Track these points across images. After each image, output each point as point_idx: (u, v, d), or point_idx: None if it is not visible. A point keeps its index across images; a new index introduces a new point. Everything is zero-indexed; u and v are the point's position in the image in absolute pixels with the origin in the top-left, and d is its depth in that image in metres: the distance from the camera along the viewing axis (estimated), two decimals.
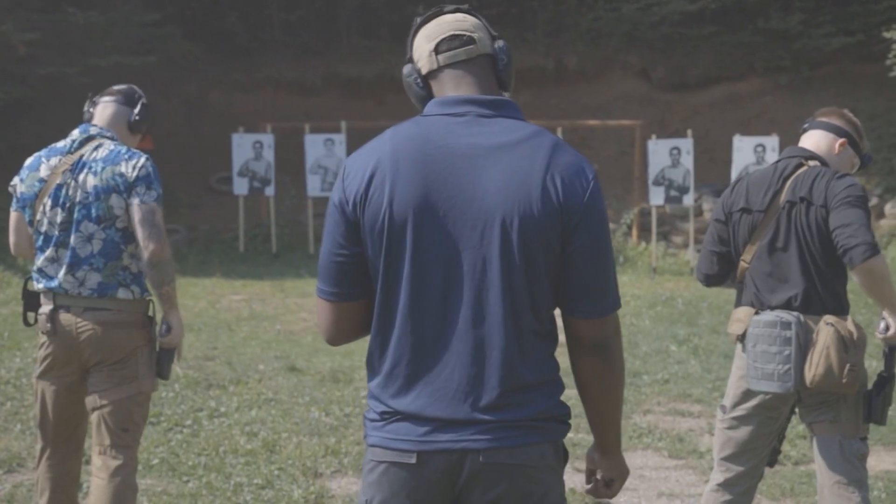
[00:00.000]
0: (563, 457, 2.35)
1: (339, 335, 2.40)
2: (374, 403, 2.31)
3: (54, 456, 4.13)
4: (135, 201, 3.94)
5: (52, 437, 4.10)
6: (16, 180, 4.09)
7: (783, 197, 3.85)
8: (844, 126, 4.03)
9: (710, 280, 4.13)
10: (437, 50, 2.34)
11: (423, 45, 2.36)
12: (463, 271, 2.22)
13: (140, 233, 3.93)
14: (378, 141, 2.31)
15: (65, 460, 4.13)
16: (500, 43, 2.38)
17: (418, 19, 2.42)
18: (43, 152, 4.08)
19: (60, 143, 4.07)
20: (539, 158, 2.22)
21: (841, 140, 4.01)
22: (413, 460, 2.24)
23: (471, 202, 2.22)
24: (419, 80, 2.36)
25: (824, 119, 4.07)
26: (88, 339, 3.92)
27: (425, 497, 2.26)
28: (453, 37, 2.33)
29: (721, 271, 4.09)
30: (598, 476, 2.49)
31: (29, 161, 4.08)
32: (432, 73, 2.35)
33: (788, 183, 3.86)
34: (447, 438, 2.23)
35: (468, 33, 2.34)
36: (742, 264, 3.97)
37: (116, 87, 4.20)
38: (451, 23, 2.36)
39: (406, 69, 2.39)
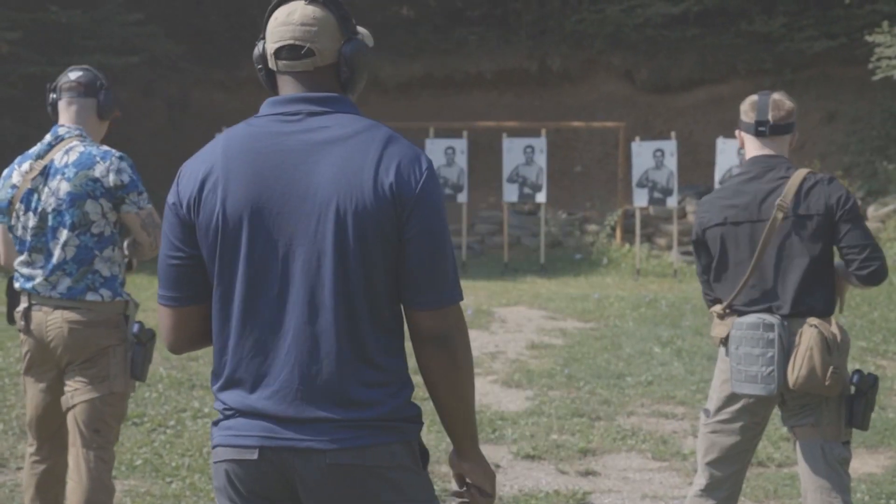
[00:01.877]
0: (423, 456, 2.28)
1: (180, 342, 2.35)
2: (218, 405, 2.28)
3: (39, 453, 4.13)
4: (132, 210, 3.94)
5: (37, 434, 4.11)
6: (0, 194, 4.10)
7: (785, 207, 3.82)
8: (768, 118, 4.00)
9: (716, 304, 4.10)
10: (276, 55, 2.31)
11: (269, 41, 2.32)
12: (298, 267, 2.19)
13: (145, 238, 4.01)
14: (212, 143, 2.30)
15: (48, 458, 4.12)
16: (348, 48, 2.31)
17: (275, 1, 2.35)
18: (17, 160, 4.09)
19: (33, 149, 4.05)
20: (372, 151, 2.20)
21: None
22: (255, 456, 2.19)
23: (304, 197, 2.19)
24: (262, 70, 2.36)
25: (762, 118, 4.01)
26: (56, 337, 3.93)
27: (267, 495, 2.21)
28: (293, 47, 2.27)
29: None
30: (468, 480, 2.36)
31: (5, 171, 4.10)
32: (273, 72, 2.34)
33: (788, 192, 3.83)
34: (290, 436, 2.17)
35: (309, 43, 2.27)
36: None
37: (74, 77, 4.07)
38: (294, 26, 2.28)
39: (256, 50, 2.37)
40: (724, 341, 3.95)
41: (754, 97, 4.02)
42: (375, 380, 2.20)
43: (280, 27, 2.29)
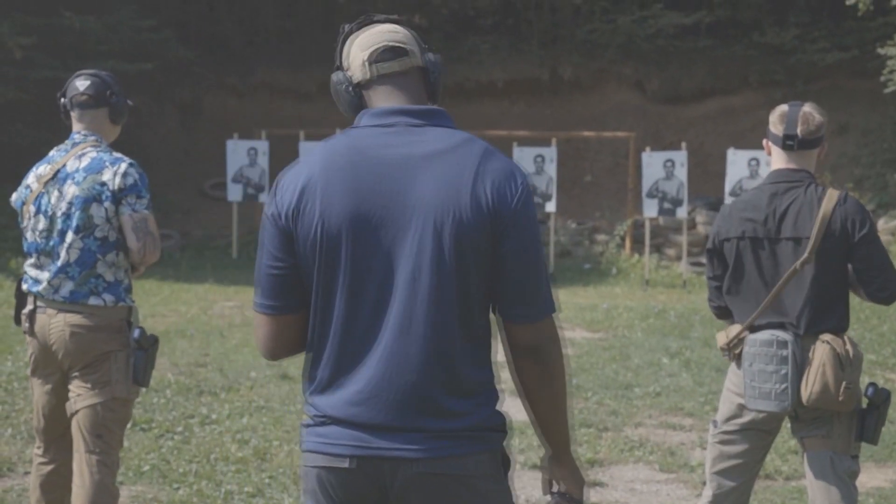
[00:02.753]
0: (505, 464, 2.34)
1: (277, 349, 2.38)
2: (310, 409, 2.31)
3: (45, 454, 4.15)
4: (126, 212, 3.95)
5: (44, 436, 4.12)
6: (14, 195, 4.17)
7: (822, 225, 3.79)
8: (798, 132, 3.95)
9: (723, 313, 4.10)
10: (370, 60, 2.34)
11: (357, 54, 2.36)
12: (396, 280, 2.23)
13: (134, 242, 3.96)
14: (310, 154, 2.33)
15: (55, 459, 4.14)
16: (430, 56, 2.41)
17: (346, 27, 2.42)
18: (35, 165, 4.15)
19: (50, 153, 4.11)
20: (469, 165, 2.24)
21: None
22: (346, 465, 2.24)
23: (403, 211, 2.23)
24: (350, 89, 2.37)
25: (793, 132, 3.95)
26: (58, 341, 3.95)
27: (358, 502, 2.26)
28: (388, 48, 2.34)
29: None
30: (555, 488, 2.45)
31: (26, 175, 4.15)
32: (365, 83, 2.36)
33: (821, 223, 3.80)
34: (382, 445, 2.22)
35: (402, 45, 2.36)
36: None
37: (83, 89, 4.07)
38: (384, 33, 2.36)
39: (336, 77, 2.40)
40: (737, 355, 3.94)
41: (784, 108, 3.92)
42: (465, 390, 2.26)
43: (368, 38, 2.36)
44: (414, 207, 2.22)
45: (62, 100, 4.14)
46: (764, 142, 4.02)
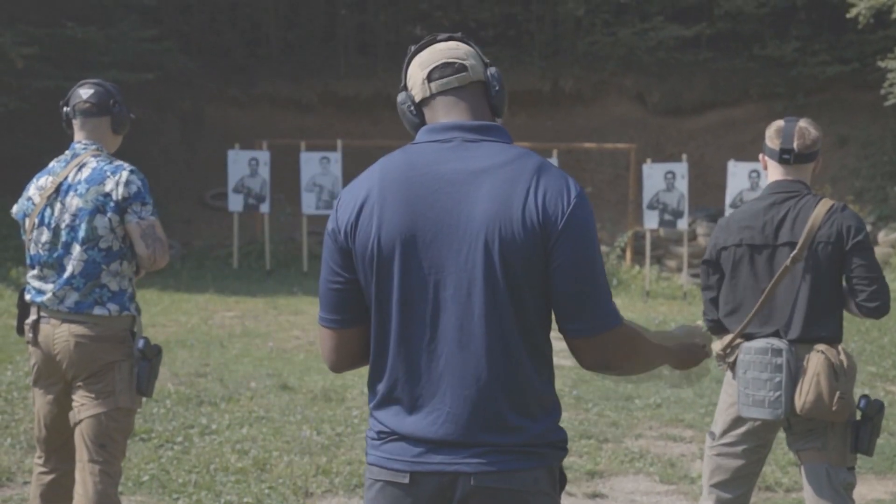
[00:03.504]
0: (560, 482, 2.36)
1: (340, 362, 2.44)
2: (373, 423, 2.36)
3: (46, 464, 4.15)
4: (132, 220, 3.96)
5: (45, 446, 4.12)
6: (15, 207, 4.18)
7: (809, 234, 3.83)
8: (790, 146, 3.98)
9: (717, 327, 4.10)
10: (429, 77, 2.37)
11: (417, 72, 2.40)
12: (449, 294, 2.25)
13: (143, 249, 3.98)
14: (369, 170, 2.35)
15: (55, 470, 4.14)
16: (492, 70, 2.42)
17: (412, 48, 2.45)
18: (36, 176, 4.15)
19: (51, 164, 4.11)
20: (522, 180, 2.25)
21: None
22: (406, 480, 2.27)
23: (456, 226, 2.25)
24: (413, 108, 2.40)
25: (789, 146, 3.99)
26: (62, 351, 3.96)
27: None
28: (445, 64, 2.37)
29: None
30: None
31: (26, 186, 4.16)
32: (425, 101, 2.39)
33: (812, 226, 3.83)
34: (440, 460, 2.26)
35: (460, 61, 2.38)
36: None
37: (87, 98, 4.08)
38: (444, 51, 2.39)
39: (401, 97, 2.43)
40: (732, 364, 3.96)
41: (780, 123, 4.00)
42: (524, 405, 2.27)
43: (428, 56, 2.40)
44: (466, 223, 2.24)
45: (65, 108, 4.15)
46: (760, 156, 4.08)
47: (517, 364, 2.26)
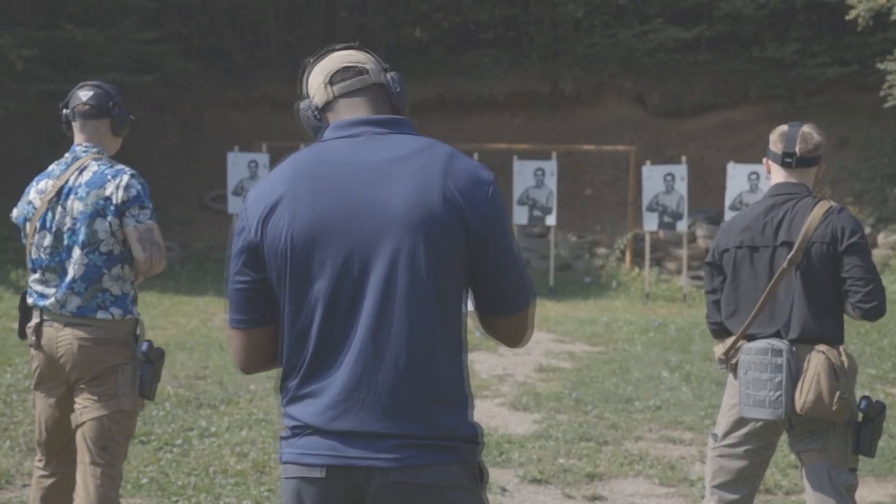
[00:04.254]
0: (481, 476, 2.34)
1: (250, 362, 2.43)
2: (287, 420, 2.34)
3: (46, 468, 4.14)
4: (130, 224, 3.95)
5: (46, 449, 4.12)
6: (15, 210, 4.17)
7: (805, 235, 3.85)
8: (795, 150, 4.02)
9: (720, 330, 4.13)
10: (331, 82, 2.41)
11: (317, 79, 2.43)
12: (368, 283, 2.24)
13: (140, 253, 3.97)
14: (278, 169, 2.36)
15: (56, 473, 4.13)
16: (392, 73, 2.46)
17: (310, 59, 2.49)
18: (36, 178, 4.14)
19: (51, 167, 4.10)
20: (436, 167, 2.27)
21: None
22: (321, 474, 2.26)
23: (372, 215, 2.25)
24: (316, 113, 2.42)
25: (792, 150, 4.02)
26: (66, 354, 3.95)
27: None
28: (346, 68, 2.41)
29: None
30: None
31: (26, 190, 4.15)
32: (328, 105, 2.42)
33: (809, 227, 3.86)
34: (354, 454, 2.24)
35: (360, 64, 2.42)
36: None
37: (86, 100, 4.07)
38: (342, 57, 2.44)
39: (302, 104, 2.46)
40: (734, 366, 3.97)
41: (784, 128, 4.05)
42: (436, 396, 2.26)
43: (327, 63, 2.43)
44: (384, 210, 2.24)
45: (64, 111, 4.14)
46: (764, 160, 4.12)
47: (434, 353, 2.25)
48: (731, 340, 3.99)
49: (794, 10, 19.54)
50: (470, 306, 2.37)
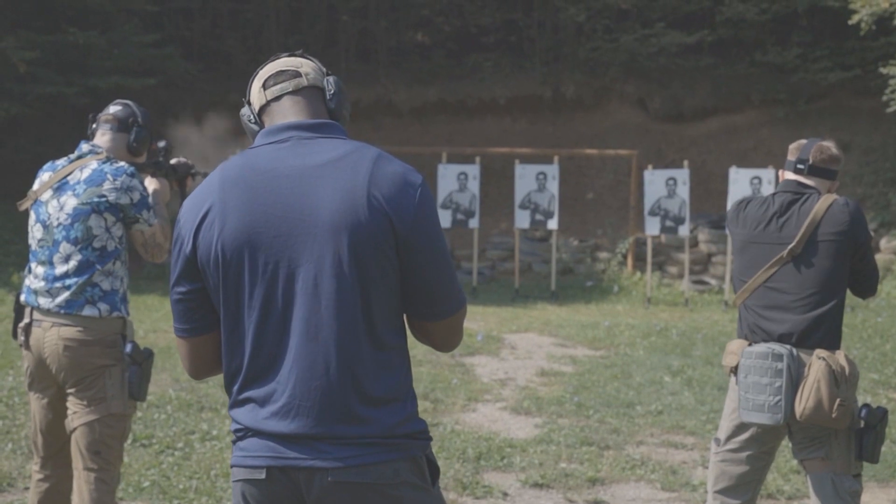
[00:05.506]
0: (431, 472, 2.34)
1: (198, 369, 2.47)
2: (232, 424, 2.36)
3: (43, 470, 4.15)
4: (140, 228, 4.02)
5: (42, 451, 4.12)
6: (27, 201, 4.22)
7: (806, 232, 3.89)
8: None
9: None
10: (265, 86, 2.43)
11: (255, 84, 2.47)
12: (299, 288, 2.26)
13: (143, 254, 4.11)
14: (209, 178, 2.38)
15: (53, 475, 4.14)
16: (331, 77, 2.48)
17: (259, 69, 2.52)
18: (45, 166, 4.20)
19: (59, 161, 4.14)
20: (363, 171, 2.27)
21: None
22: (262, 476, 2.27)
23: (300, 220, 2.26)
24: (253, 118, 2.45)
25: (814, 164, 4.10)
26: (52, 355, 3.97)
27: None
28: (280, 72, 2.44)
29: None
30: None
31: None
32: (263, 108, 2.44)
33: (812, 221, 3.89)
34: (295, 455, 2.25)
35: (294, 68, 2.44)
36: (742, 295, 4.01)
37: (113, 111, 4.19)
38: (280, 62, 2.46)
39: (243, 111, 2.49)
40: (735, 370, 3.97)
41: (803, 140, 4.16)
42: (376, 396, 2.26)
43: (265, 69, 2.46)
44: (311, 216, 2.25)
45: (92, 125, 4.21)
46: (779, 172, 4.18)
47: (364, 355, 2.26)
48: (736, 345, 4.00)
49: (797, 15, 19.53)
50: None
